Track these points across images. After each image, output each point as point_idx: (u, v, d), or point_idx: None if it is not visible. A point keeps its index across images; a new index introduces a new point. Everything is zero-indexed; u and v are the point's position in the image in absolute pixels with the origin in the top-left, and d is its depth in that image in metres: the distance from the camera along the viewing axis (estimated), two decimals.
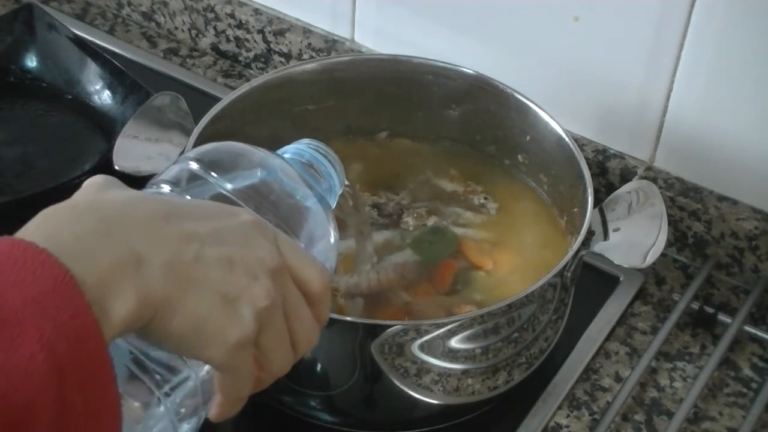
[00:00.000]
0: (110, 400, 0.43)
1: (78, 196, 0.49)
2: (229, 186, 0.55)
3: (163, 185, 0.55)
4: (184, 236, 0.48)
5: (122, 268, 0.45)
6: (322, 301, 0.54)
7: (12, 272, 0.42)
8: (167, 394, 0.50)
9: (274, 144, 0.62)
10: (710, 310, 0.83)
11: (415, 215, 0.82)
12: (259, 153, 0.58)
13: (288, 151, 0.62)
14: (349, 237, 0.76)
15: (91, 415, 0.42)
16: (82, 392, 0.42)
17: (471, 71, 0.84)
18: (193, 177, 0.55)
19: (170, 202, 0.51)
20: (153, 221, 0.48)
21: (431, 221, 0.81)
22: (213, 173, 0.55)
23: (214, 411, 0.52)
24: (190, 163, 0.56)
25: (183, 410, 0.51)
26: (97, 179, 0.51)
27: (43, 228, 0.45)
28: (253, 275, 0.49)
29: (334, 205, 0.63)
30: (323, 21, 1.02)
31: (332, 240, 0.58)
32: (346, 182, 0.65)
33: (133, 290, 0.45)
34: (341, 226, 0.63)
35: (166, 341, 0.48)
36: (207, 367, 0.51)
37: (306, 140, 0.63)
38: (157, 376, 0.50)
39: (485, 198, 0.84)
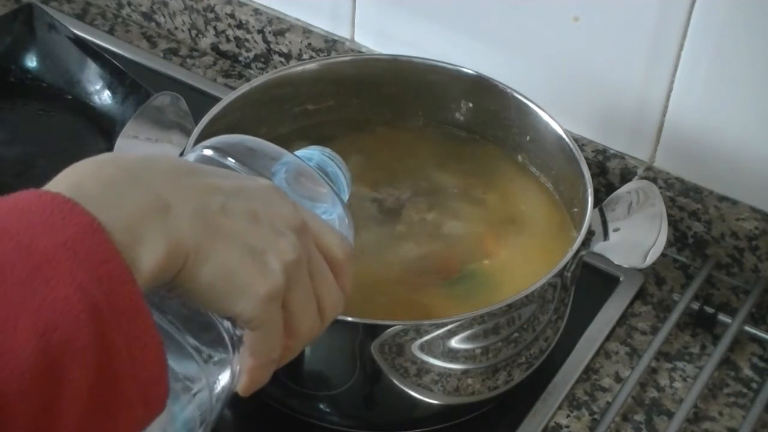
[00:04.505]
0: (152, 343, 0.43)
1: (101, 155, 0.50)
2: (246, 171, 0.56)
3: None
4: (209, 188, 0.49)
5: (150, 215, 0.45)
6: (345, 269, 0.54)
7: (41, 220, 0.42)
8: (210, 363, 0.51)
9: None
10: (710, 310, 0.83)
11: (416, 210, 0.82)
12: (273, 147, 0.59)
13: (297, 154, 0.62)
14: None
15: (134, 358, 0.43)
16: (122, 334, 0.42)
17: (471, 71, 0.84)
18: (209, 162, 0.56)
19: (191, 162, 0.52)
20: (177, 173, 0.49)
21: (431, 216, 0.81)
22: (230, 158, 0.56)
23: (244, 379, 0.52)
24: (206, 150, 0.56)
25: (219, 388, 0.51)
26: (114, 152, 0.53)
27: (68, 180, 0.46)
28: (278, 230, 0.50)
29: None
30: (323, 21, 1.02)
31: (349, 236, 0.59)
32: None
33: (162, 237, 0.45)
34: None
35: (196, 293, 0.48)
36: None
37: (312, 146, 0.64)
38: (202, 348, 0.50)
39: (484, 193, 0.84)
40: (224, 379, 0.52)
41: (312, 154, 0.63)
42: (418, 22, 0.96)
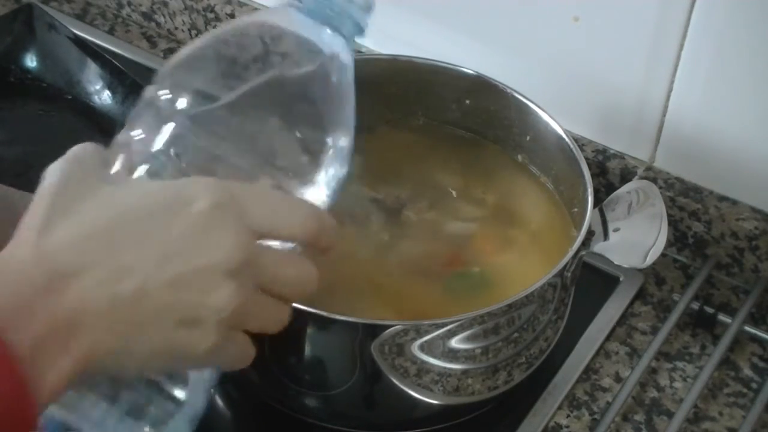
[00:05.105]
0: None
1: (17, 245, 0.47)
2: (210, 104, 0.52)
3: (132, 132, 0.53)
4: (124, 271, 0.46)
5: (55, 334, 0.45)
6: (316, 238, 0.52)
7: None
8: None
9: None
10: (710, 310, 0.83)
11: (416, 210, 0.82)
12: (252, 29, 0.53)
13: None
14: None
15: None
16: None
17: (471, 71, 0.84)
18: (162, 116, 0.53)
19: (110, 218, 0.48)
20: (88, 266, 0.46)
21: (431, 215, 0.81)
22: (184, 98, 0.52)
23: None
24: (160, 92, 0.53)
25: None
26: (54, 177, 0.51)
27: None
28: (210, 287, 0.48)
29: (364, 32, 0.58)
30: None
31: (350, 128, 0.56)
32: None
33: (67, 358, 0.45)
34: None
35: (129, 378, 0.49)
36: None
37: None
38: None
39: (484, 193, 0.84)
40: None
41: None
42: (418, 22, 0.96)
